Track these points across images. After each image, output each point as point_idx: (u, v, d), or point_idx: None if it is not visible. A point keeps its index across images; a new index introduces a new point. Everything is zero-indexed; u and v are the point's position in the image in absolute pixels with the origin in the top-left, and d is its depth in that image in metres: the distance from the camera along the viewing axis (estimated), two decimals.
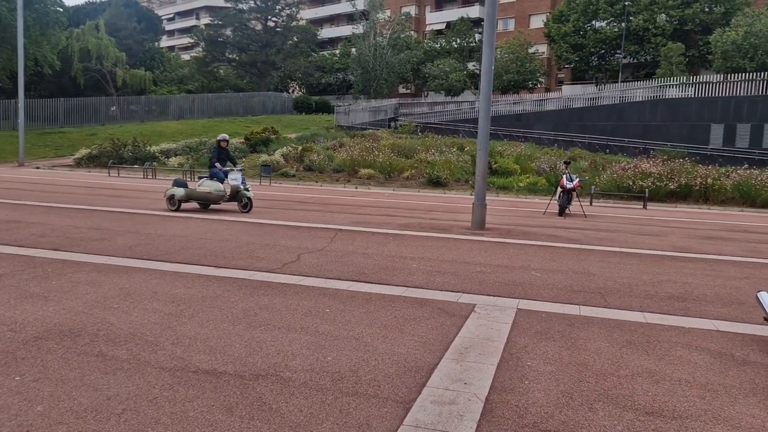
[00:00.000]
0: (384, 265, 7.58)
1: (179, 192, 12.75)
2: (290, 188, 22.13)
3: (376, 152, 27.69)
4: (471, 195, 21.21)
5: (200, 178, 13.47)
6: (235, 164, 13.32)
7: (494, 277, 7.18)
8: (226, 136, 13.36)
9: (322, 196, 18.52)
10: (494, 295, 6.22)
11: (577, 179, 16.20)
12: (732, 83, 32.25)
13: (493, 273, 7.42)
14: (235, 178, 12.64)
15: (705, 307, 6.07)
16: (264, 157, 28.41)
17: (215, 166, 12.88)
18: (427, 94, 55.06)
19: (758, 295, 5.02)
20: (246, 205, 12.77)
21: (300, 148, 29.50)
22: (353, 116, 42.42)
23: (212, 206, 13.46)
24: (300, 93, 63.14)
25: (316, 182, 25.00)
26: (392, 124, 43.00)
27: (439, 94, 51.00)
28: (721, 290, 6.93)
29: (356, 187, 23.92)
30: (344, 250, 8.57)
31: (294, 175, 26.30)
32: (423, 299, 5.93)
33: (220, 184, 12.64)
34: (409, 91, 59.83)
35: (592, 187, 21.32)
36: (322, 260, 7.75)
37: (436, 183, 24.69)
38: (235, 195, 12.78)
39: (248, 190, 12.82)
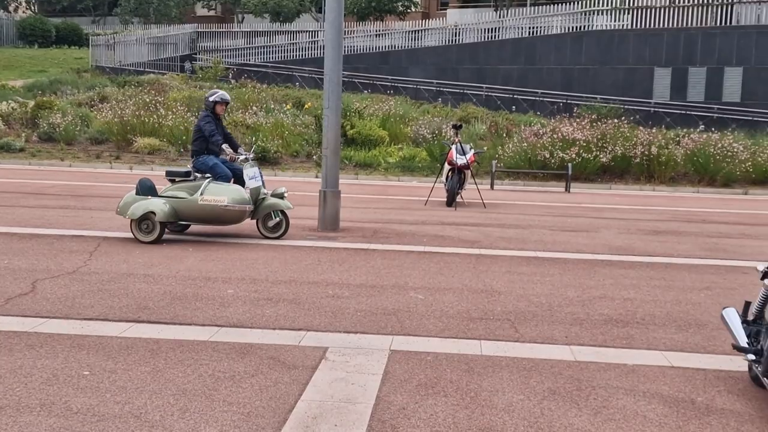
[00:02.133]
0: (181, 294, 7.48)
1: (160, 207, 10.27)
2: (16, 170, 21.39)
3: (162, 111, 27.03)
4: (317, 178, 21.34)
5: (175, 177, 11.00)
6: (236, 147, 11.44)
7: (354, 303, 7.30)
8: (226, 95, 11.31)
9: (73, 183, 18.12)
10: (355, 332, 6.34)
11: (473, 151, 16.89)
12: (681, 8, 34.97)
13: (353, 297, 7.53)
14: (253, 176, 10.86)
15: (654, 334, 6.61)
16: None
17: (220, 149, 11.00)
18: (243, 18, 54.61)
19: (723, 313, 5.54)
20: (279, 225, 11.09)
21: (32, 103, 28.42)
22: (122, 52, 41.25)
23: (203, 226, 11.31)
24: (29, 12, 59.85)
25: (62, 160, 24.28)
26: (188, 65, 42.13)
27: (263, 20, 50.73)
28: (674, 308, 7.60)
29: (132, 168, 23.33)
30: (113, 272, 8.40)
31: (23, 149, 25.33)
32: (245, 345, 5.92)
33: (241, 188, 10.79)
34: (213, 13, 58.89)
35: (494, 162, 22.36)
36: (76, 289, 7.53)
37: (261, 159, 24.52)
38: (257, 207, 10.99)
39: (283, 197, 11.10)
